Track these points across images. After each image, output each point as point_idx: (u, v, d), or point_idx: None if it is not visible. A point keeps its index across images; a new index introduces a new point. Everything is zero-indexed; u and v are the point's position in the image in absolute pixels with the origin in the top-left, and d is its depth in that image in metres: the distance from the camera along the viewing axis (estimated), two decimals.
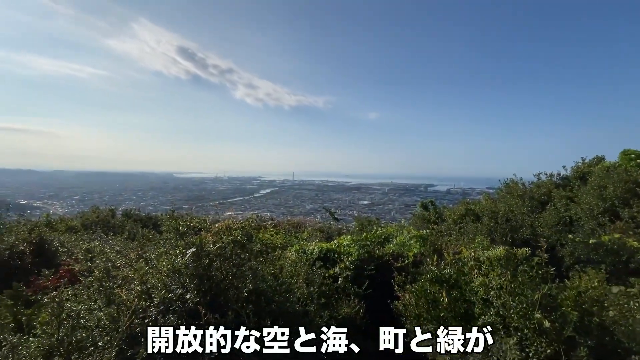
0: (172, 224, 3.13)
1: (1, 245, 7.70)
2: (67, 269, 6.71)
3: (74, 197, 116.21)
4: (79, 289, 3.57)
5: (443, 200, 35.60)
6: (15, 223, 9.03)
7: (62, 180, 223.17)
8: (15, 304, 5.86)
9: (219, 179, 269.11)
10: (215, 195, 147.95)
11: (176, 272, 3.07)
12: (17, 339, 2.82)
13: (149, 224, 19.76)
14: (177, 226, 3.10)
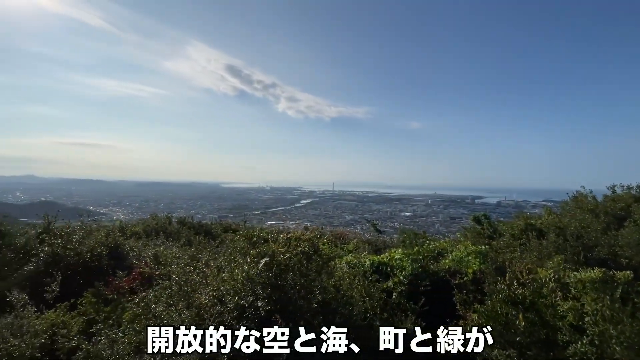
0: (246, 233, 3.31)
1: (84, 248, 8.68)
2: (138, 272, 7.36)
3: (133, 205, 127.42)
4: (159, 292, 3.89)
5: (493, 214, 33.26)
6: (96, 228, 10.10)
7: (124, 189, 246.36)
8: (97, 301, 6.54)
9: (262, 189, 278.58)
10: (258, 204, 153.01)
11: (249, 280, 3.22)
12: (114, 333, 3.13)
13: (200, 231, 20.99)
14: (250, 236, 3.27)
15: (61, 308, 5.93)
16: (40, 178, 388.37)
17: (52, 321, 5.42)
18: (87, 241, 9.04)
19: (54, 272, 7.31)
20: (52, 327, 5.25)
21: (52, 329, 5.23)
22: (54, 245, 8.56)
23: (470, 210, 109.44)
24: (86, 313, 6.06)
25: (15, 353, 4.60)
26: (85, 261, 8.50)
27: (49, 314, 5.67)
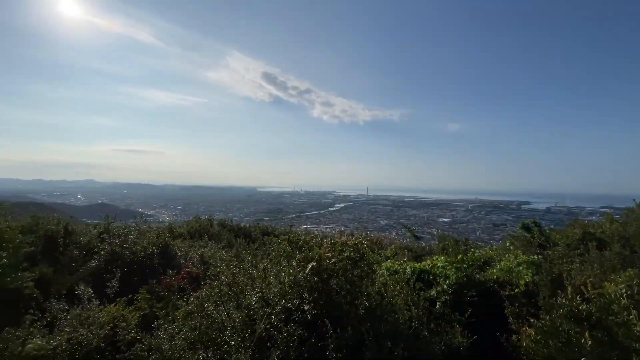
0: (292, 238, 3.39)
1: (138, 247, 9.39)
2: (187, 271, 7.81)
3: (177, 207, 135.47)
4: (209, 291, 4.11)
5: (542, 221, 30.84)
6: (147, 229, 10.88)
7: (170, 192, 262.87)
8: (151, 298, 7.02)
9: (296, 193, 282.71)
10: (292, 208, 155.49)
11: (295, 283, 3.29)
12: (172, 328, 3.34)
13: (239, 233, 21.77)
14: (297, 240, 3.34)
15: (120, 302, 6.46)
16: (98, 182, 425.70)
17: (113, 314, 5.92)
18: (140, 241, 9.77)
19: (113, 269, 7.97)
20: (113, 320, 5.74)
21: (114, 322, 5.71)
22: (112, 244, 9.36)
23: (516, 216, 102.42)
24: (142, 308, 6.55)
25: (84, 342, 5.09)
26: (139, 260, 9.19)
27: (110, 308, 6.20)
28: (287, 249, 3.65)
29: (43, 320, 6.10)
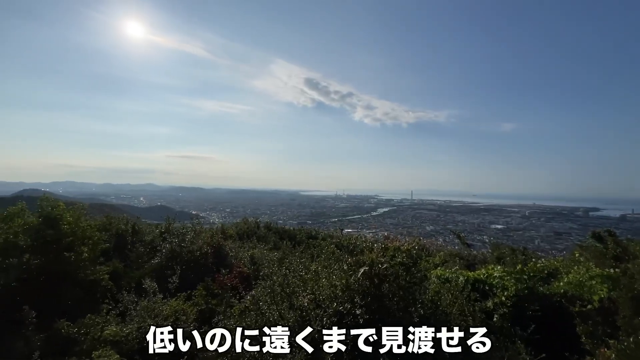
0: (343, 241, 3.42)
1: (194, 247, 10.11)
2: (238, 271, 8.23)
3: (226, 210, 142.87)
4: (262, 291, 4.28)
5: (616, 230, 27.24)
6: (202, 229, 11.65)
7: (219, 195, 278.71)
8: (206, 294, 7.49)
9: (339, 197, 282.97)
10: (335, 212, 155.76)
11: (347, 287, 3.31)
12: (230, 324, 3.54)
13: (285, 236, 22.33)
14: (348, 244, 3.36)
15: (180, 297, 7.00)
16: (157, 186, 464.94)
17: (175, 308, 6.43)
18: (196, 241, 10.51)
19: (174, 266, 8.65)
20: (175, 313, 6.24)
21: (175, 315, 6.21)
22: (172, 244, 10.18)
23: (582, 224, 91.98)
24: (199, 304, 7.02)
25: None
26: (195, 258, 9.88)
27: (172, 302, 6.74)
28: (337, 252, 3.69)
29: (116, 309, 6.83)
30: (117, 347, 5.39)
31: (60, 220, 7.28)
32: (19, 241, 6.88)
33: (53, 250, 7.22)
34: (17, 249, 6.82)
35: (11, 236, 6.83)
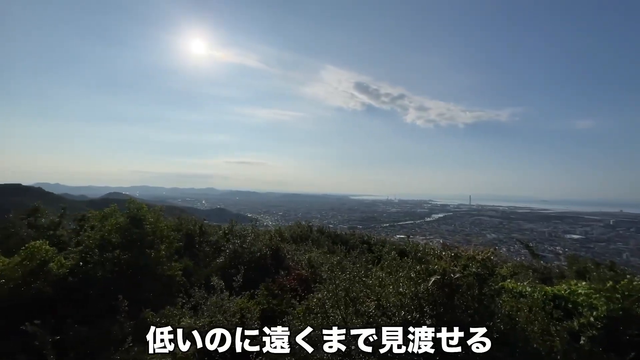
0: (411, 248, 3.34)
1: (255, 248, 10.67)
2: (297, 273, 8.49)
3: (278, 213, 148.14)
4: (326, 294, 4.36)
5: None
6: (261, 232, 12.25)
7: (272, 199, 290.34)
8: (268, 295, 7.83)
9: (390, 201, 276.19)
10: (386, 217, 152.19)
11: (415, 295, 3.21)
12: (296, 326, 3.66)
13: (337, 240, 22.42)
14: (416, 251, 3.28)
15: (245, 296, 7.43)
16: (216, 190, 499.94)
17: (240, 305, 6.85)
18: (256, 243, 11.09)
19: (237, 266, 9.22)
20: (240, 310, 6.64)
21: (241, 312, 6.60)
22: (235, 244, 10.88)
23: None
24: (261, 303, 7.39)
25: (221, 325, 6.03)
26: (256, 259, 10.41)
27: (238, 300, 7.19)
28: (399, 259, 3.61)
29: (189, 303, 7.48)
30: (192, 338, 5.90)
31: (143, 220, 8.22)
32: (112, 238, 7.91)
33: (137, 247, 8.17)
34: (111, 245, 7.86)
35: (106, 234, 7.89)
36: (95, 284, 7.06)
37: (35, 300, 6.52)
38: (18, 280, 6.68)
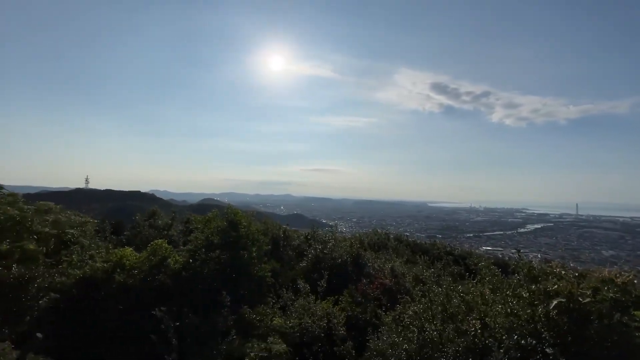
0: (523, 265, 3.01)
1: (336, 254, 10.88)
2: (380, 282, 8.36)
3: (352, 220, 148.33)
4: (421, 307, 4.19)
5: None
6: (342, 238, 12.44)
7: (346, 206, 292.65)
8: (351, 301, 7.88)
9: (473, 209, 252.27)
10: (469, 226, 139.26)
11: (530, 319, 2.87)
12: (392, 337, 3.59)
13: (417, 249, 21.34)
14: (530, 269, 2.94)
15: (329, 301, 7.62)
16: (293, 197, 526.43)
17: (326, 310, 7.04)
18: (336, 249, 11.29)
19: (321, 271, 9.52)
20: (327, 315, 6.83)
21: (327, 317, 6.79)
22: (316, 250, 11.26)
23: None
24: (345, 309, 7.48)
25: (310, 328, 6.30)
26: (337, 265, 10.60)
27: (323, 304, 7.42)
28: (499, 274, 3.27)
29: (278, 303, 8.00)
30: (283, 337, 6.29)
31: (239, 224, 9.12)
32: (214, 239, 8.96)
33: (234, 248, 9.08)
34: (213, 246, 8.90)
35: (209, 235, 8.98)
36: (202, 280, 8.07)
37: (158, 289, 7.76)
38: (146, 272, 8.06)
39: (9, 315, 5.76)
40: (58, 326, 6.58)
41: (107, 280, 7.59)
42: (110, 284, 7.51)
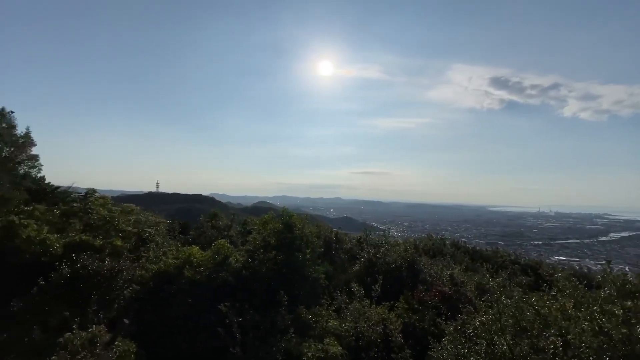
0: (615, 279, 2.67)
1: (390, 258, 10.66)
2: (439, 290, 7.97)
3: (404, 224, 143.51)
4: (489, 319, 3.92)
5: None
6: (396, 243, 12.14)
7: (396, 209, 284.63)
8: (408, 308, 7.63)
9: (543, 214, 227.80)
10: (537, 233, 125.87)
11: (626, 339, 2.53)
12: (458, 349, 3.41)
13: (476, 257, 19.88)
14: (624, 283, 2.60)
15: (384, 306, 7.49)
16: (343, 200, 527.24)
17: (381, 315, 6.93)
18: (390, 253, 11.05)
19: (375, 275, 9.40)
20: (383, 321, 6.72)
21: (383, 322, 6.68)
22: (369, 253, 11.14)
23: None
24: (402, 316, 7.27)
25: (366, 333, 6.26)
26: (391, 270, 10.36)
27: (378, 309, 7.31)
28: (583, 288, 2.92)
29: (332, 306, 8.06)
30: (339, 340, 6.32)
31: (294, 226, 9.41)
32: (270, 241, 9.37)
33: (289, 249, 9.39)
34: (270, 247, 9.31)
35: (267, 237, 9.40)
36: (260, 279, 8.49)
37: (221, 286, 8.34)
38: (210, 269, 8.71)
39: (103, 302, 6.66)
40: (139, 314, 7.42)
41: (177, 275, 8.37)
42: (180, 278, 8.27)
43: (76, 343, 5.15)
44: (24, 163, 16.50)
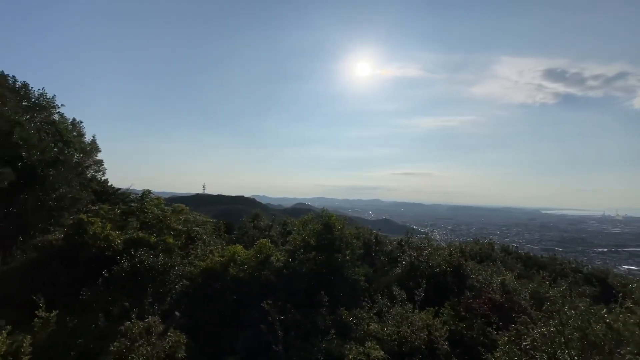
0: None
1: (433, 262, 10.20)
2: (488, 297, 7.46)
3: (447, 227, 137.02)
4: (550, 333, 3.58)
5: None
6: (440, 246, 11.62)
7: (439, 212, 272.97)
8: (454, 315, 7.25)
9: (609, 218, 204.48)
10: (602, 239, 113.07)
11: None
12: None
13: (529, 263, 18.34)
14: None
15: (429, 312, 7.17)
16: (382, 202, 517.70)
17: (426, 321, 6.64)
18: (433, 257, 10.58)
19: (418, 279, 9.06)
20: (427, 327, 6.44)
21: (428, 328, 6.40)
22: (411, 256, 10.77)
23: None
24: (447, 323, 6.91)
25: (409, 338, 6.03)
26: (435, 274, 9.92)
27: (422, 314, 7.02)
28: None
29: (373, 309, 7.90)
30: (380, 344, 6.17)
31: (333, 227, 9.41)
32: (310, 241, 9.45)
33: (328, 250, 9.40)
34: (310, 247, 9.39)
35: (306, 237, 9.50)
36: (300, 278, 8.59)
37: (263, 284, 8.57)
38: (253, 267, 9.00)
39: (157, 295, 7.18)
40: (189, 308, 7.88)
41: (223, 272, 8.76)
42: (225, 275, 8.65)
43: (135, 331, 5.61)
44: (91, 167, 18.47)
